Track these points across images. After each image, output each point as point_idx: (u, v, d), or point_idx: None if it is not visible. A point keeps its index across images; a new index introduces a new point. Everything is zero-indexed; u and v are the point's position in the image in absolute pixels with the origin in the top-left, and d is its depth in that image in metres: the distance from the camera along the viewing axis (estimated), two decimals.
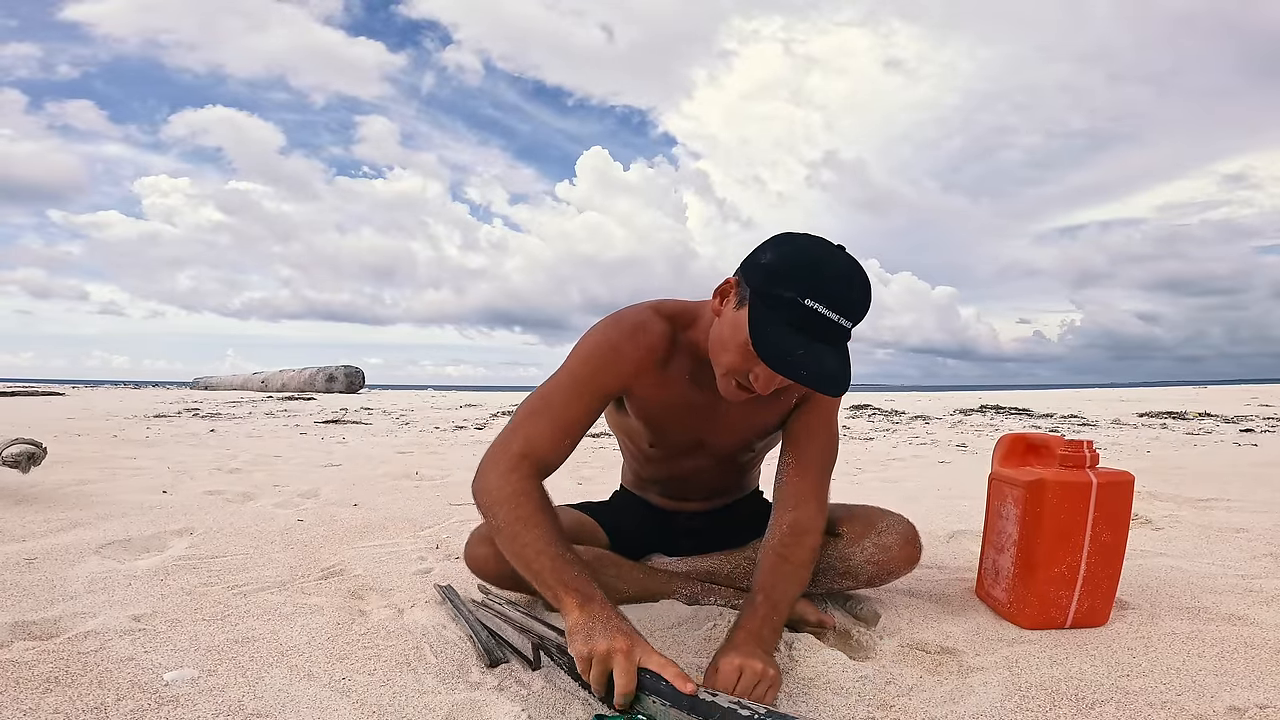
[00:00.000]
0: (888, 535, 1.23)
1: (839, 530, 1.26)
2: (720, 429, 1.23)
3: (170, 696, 0.89)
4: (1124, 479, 1.18)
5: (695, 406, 1.19)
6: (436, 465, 3.47)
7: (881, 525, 1.25)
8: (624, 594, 1.27)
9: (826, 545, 1.23)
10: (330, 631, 1.12)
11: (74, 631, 1.08)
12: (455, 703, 0.89)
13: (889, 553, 1.23)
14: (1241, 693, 0.93)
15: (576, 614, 0.93)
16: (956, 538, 1.89)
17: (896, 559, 1.23)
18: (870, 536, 1.23)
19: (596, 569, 1.24)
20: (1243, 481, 2.79)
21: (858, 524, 1.26)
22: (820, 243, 0.99)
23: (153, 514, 2.00)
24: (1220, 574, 1.50)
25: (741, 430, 1.24)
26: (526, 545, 0.99)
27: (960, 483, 2.94)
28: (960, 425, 6.28)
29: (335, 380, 16.74)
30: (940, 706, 0.90)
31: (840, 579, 1.26)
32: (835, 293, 0.94)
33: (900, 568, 1.24)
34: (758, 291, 0.97)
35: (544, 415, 1.09)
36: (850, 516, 1.28)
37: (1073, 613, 1.18)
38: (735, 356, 1.00)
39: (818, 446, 1.19)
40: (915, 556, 1.25)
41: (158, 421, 6.27)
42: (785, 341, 0.94)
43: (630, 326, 1.13)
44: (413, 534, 1.89)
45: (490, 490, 1.04)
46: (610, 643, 0.88)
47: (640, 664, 0.87)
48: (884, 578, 1.25)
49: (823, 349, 0.95)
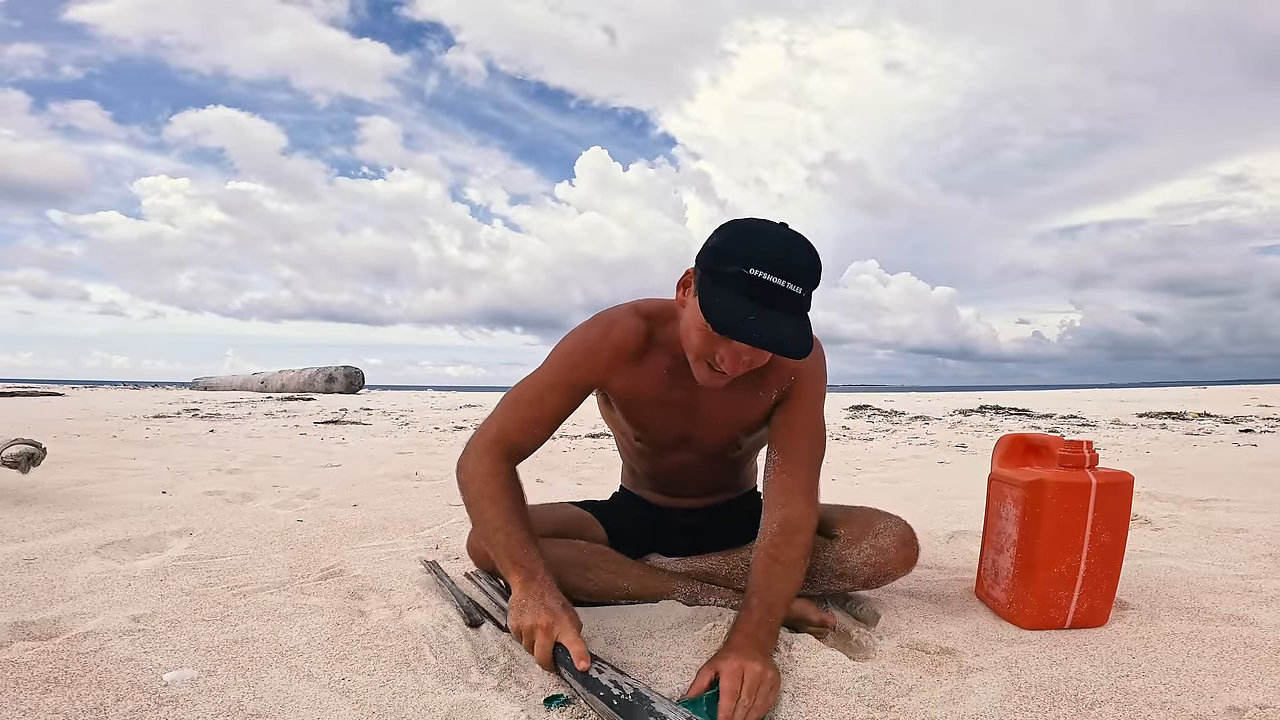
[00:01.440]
0: (884, 537, 1.23)
1: (835, 532, 1.26)
2: (702, 423, 1.25)
3: (170, 697, 0.89)
4: (1123, 479, 1.18)
5: (674, 401, 1.22)
6: (436, 466, 3.47)
7: (879, 527, 1.24)
8: (623, 591, 1.27)
9: (823, 547, 1.24)
10: (330, 632, 1.12)
11: (73, 632, 1.08)
12: (455, 703, 0.89)
13: (885, 555, 1.22)
14: (1241, 693, 0.93)
15: (518, 590, 1.04)
16: (956, 538, 1.89)
17: (893, 561, 1.22)
18: (867, 539, 1.23)
19: (595, 565, 1.27)
20: (1242, 482, 2.79)
21: (854, 526, 1.25)
22: (761, 220, 1.04)
23: (152, 514, 2.00)
24: (1220, 574, 1.50)
25: (724, 425, 1.26)
26: (487, 521, 1.11)
27: (960, 483, 2.94)
28: (960, 426, 6.28)
29: (335, 381, 16.74)
30: (940, 707, 0.90)
31: (836, 581, 1.25)
32: (777, 259, 0.98)
33: (897, 570, 1.24)
34: (708, 271, 1.01)
35: (520, 405, 1.18)
36: (847, 518, 1.27)
37: (1072, 613, 1.18)
38: (700, 338, 1.04)
39: (803, 441, 1.20)
40: (912, 559, 1.24)
41: (157, 422, 6.27)
42: (737, 310, 0.97)
43: (606, 324, 1.19)
44: (412, 534, 1.89)
45: (465, 469, 1.16)
46: (535, 619, 0.98)
47: (557, 639, 0.97)
48: (881, 580, 1.25)
49: (777, 316, 0.97)
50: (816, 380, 1.23)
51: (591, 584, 1.26)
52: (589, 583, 1.26)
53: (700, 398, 1.20)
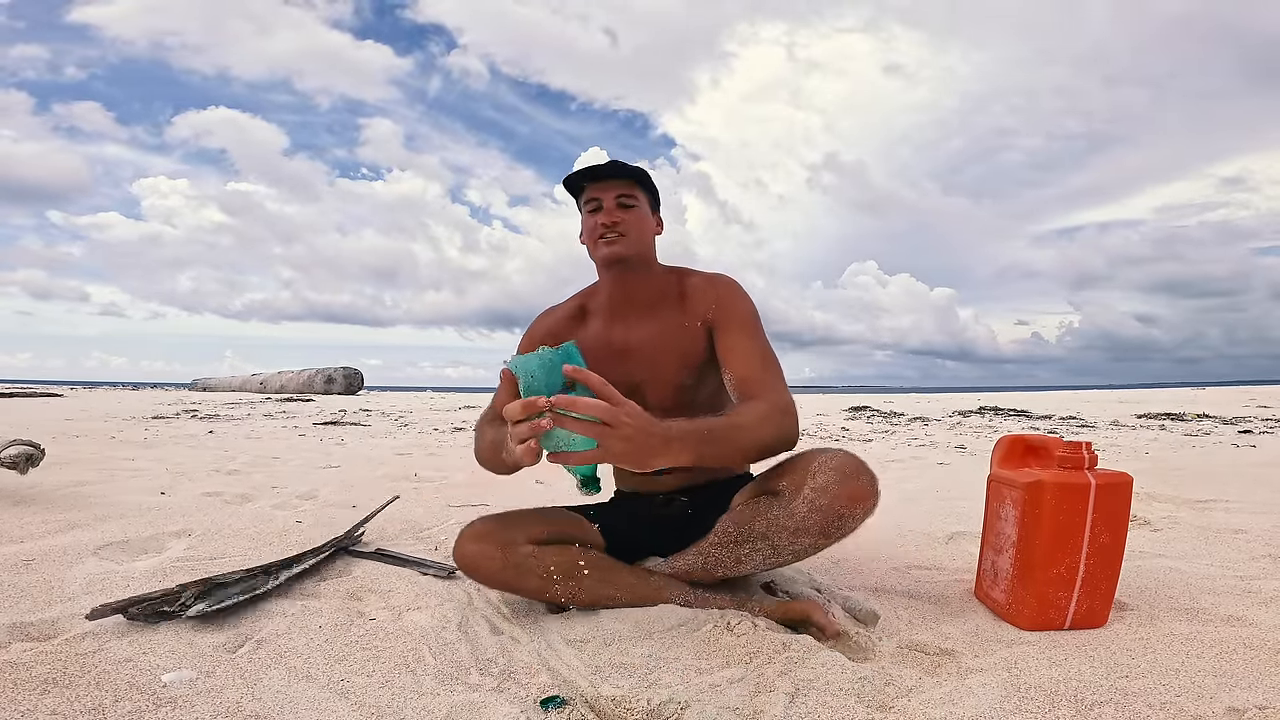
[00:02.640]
0: (823, 475, 1.10)
1: (779, 486, 1.16)
2: (643, 364, 1.36)
3: (168, 698, 0.89)
4: (1122, 480, 1.18)
5: (611, 354, 1.37)
6: (435, 467, 3.46)
7: (814, 466, 1.12)
8: (614, 600, 1.23)
9: (770, 505, 1.16)
10: (329, 633, 1.12)
11: (72, 633, 1.08)
12: (454, 704, 0.89)
13: (829, 494, 1.08)
14: (1240, 694, 0.93)
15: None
16: (955, 539, 1.89)
17: (840, 498, 1.08)
18: (807, 483, 1.11)
19: (585, 573, 1.23)
20: (1241, 482, 2.79)
21: (795, 473, 1.15)
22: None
23: (151, 515, 2.00)
24: (1219, 575, 1.50)
25: (664, 362, 1.34)
26: (485, 434, 1.27)
27: (959, 484, 2.94)
28: (959, 427, 6.29)
29: (334, 382, 16.73)
30: (939, 707, 0.90)
31: (793, 538, 1.12)
32: (584, 162, 1.40)
33: (848, 508, 1.09)
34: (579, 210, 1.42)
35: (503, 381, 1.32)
36: (790, 468, 1.17)
37: (1071, 614, 1.18)
38: (585, 230, 1.38)
39: (748, 354, 1.26)
40: (863, 493, 1.09)
41: (156, 423, 6.26)
42: (576, 177, 1.36)
43: (552, 306, 1.49)
44: (412, 535, 1.89)
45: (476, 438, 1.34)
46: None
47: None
48: (838, 526, 1.10)
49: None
50: (737, 300, 1.34)
51: (582, 593, 1.22)
52: (579, 591, 1.22)
53: (634, 346, 1.37)
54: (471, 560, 1.24)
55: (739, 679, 0.97)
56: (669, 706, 0.90)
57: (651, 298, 1.38)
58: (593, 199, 1.35)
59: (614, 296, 1.40)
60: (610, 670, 1.02)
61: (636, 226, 1.34)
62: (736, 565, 1.20)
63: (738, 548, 1.19)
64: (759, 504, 1.19)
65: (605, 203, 1.34)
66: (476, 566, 1.24)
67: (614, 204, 1.34)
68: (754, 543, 1.17)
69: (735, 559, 1.20)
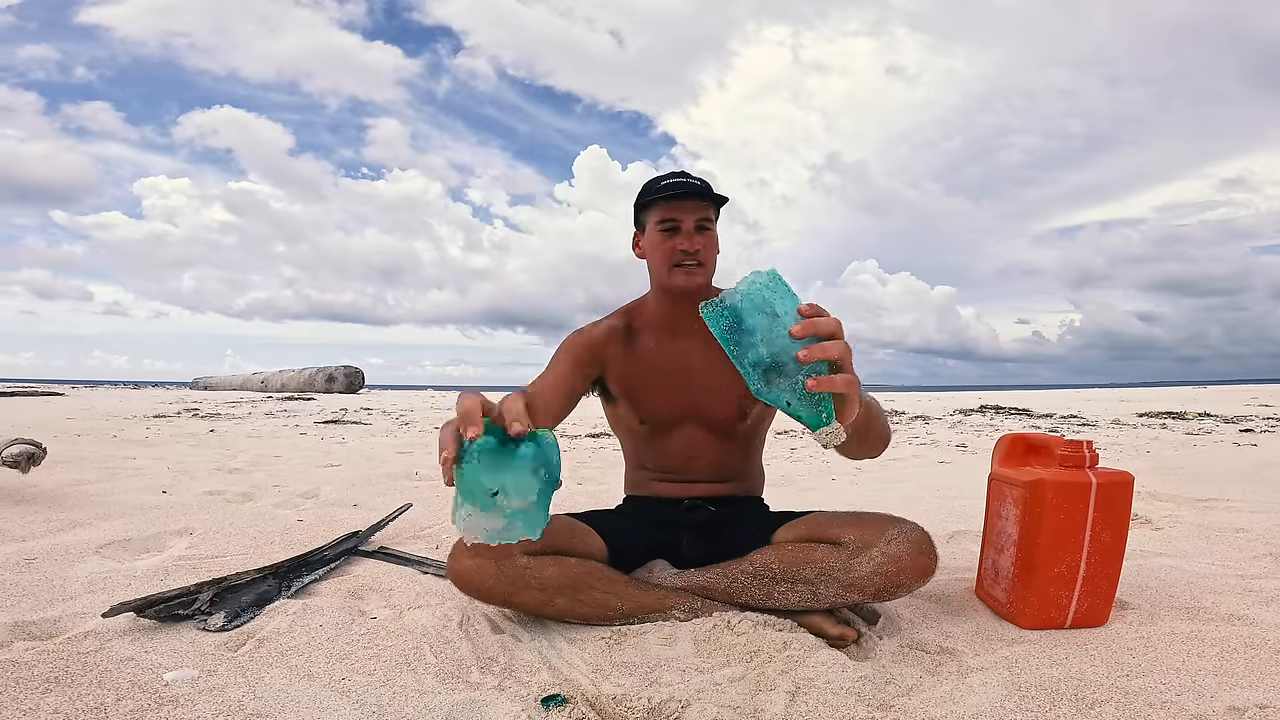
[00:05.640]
0: (898, 544, 1.12)
1: (843, 538, 1.16)
2: (703, 391, 1.32)
3: (170, 697, 0.89)
4: (1124, 479, 1.18)
5: (670, 368, 1.33)
6: (436, 465, 3.46)
7: (891, 533, 1.14)
8: (617, 611, 1.18)
9: (828, 555, 1.15)
10: (330, 632, 1.12)
11: (74, 632, 1.08)
12: (455, 703, 0.89)
13: (899, 563, 1.11)
14: (1241, 693, 0.93)
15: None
16: (956, 538, 1.89)
17: (908, 570, 1.12)
18: (878, 545, 1.13)
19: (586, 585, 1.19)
20: (1242, 481, 2.79)
21: (864, 531, 1.15)
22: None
23: (152, 514, 2.00)
24: (1220, 574, 1.50)
25: (725, 390, 1.30)
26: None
27: (960, 483, 2.94)
28: (960, 425, 6.28)
29: (335, 380, 16.74)
30: (940, 706, 0.90)
31: (844, 592, 1.14)
32: (663, 178, 1.31)
33: (911, 580, 1.13)
34: (637, 218, 1.35)
35: (535, 381, 1.32)
36: (856, 522, 1.18)
37: (1072, 613, 1.18)
38: (658, 245, 1.29)
39: None
40: (929, 568, 1.13)
41: (157, 422, 6.26)
42: (655, 193, 1.28)
43: (585, 327, 1.39)
44: (412, 535, 1.89)
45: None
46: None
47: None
48: (893, 591, 1.13)
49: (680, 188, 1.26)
50: None
51: (583, 606, 1.18)
52: (580, 604, 1.17)
53: (695, 366, 1.32)
54: (465, 576, 1.17)
55: (740, 677, 0.97)
56: (670, 705, 0.90)
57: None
58: (669, 219, 1.26)
59: (673, 317, 1.34)
60: (611, 669, 1.02)
61: (712, 254, 1.30)
62: (766, 599, 1.18)
63: (774, 584, 1.17)
64: (815, 550, 1.16)
65: (685, 225, 1.26)
66: (469, 582, 1.17)
67: (694, 228, 1.26)
68: (795, 585, 1.15)
69: (767, 594, 1.17)
